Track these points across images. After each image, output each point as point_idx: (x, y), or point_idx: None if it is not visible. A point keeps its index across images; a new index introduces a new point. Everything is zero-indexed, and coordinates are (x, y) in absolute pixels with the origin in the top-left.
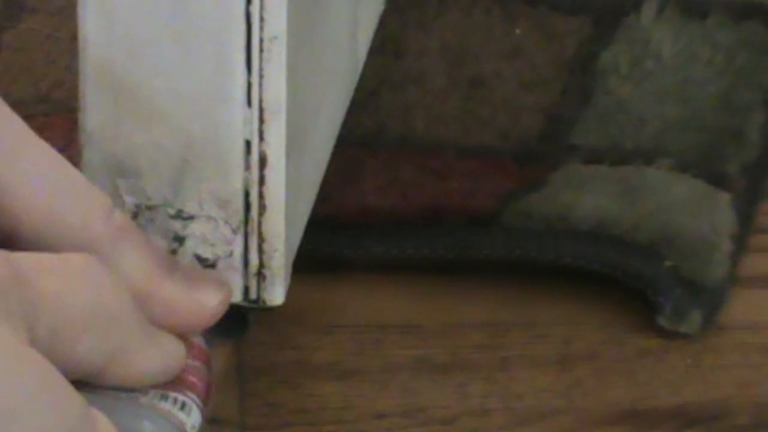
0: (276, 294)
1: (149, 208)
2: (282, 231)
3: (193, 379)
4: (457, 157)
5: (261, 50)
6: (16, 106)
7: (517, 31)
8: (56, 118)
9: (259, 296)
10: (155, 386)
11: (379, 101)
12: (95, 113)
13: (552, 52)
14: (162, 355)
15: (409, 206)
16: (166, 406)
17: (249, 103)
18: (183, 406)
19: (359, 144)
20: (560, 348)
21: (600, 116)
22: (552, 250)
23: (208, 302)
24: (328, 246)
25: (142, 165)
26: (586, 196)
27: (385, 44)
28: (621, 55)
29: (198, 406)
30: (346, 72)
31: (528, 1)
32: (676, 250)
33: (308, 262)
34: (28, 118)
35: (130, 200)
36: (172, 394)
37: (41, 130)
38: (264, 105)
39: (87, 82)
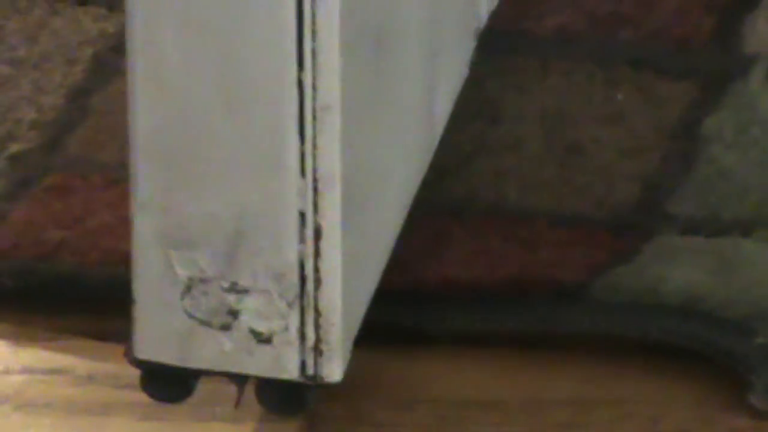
0: (334, 370)
1: (202, 280)
2: (339, 305)
3: None
4: (548, 227)
5: (314, 119)
6: (102, 171)
7: (619, 96)
8: None
9: (316, 372)
10: None
11: (472, 168)
12: (146, 182)
13: (654, 117)
14: None
15: (495, 278)
16: None
17: (303, 173)
18: None
19: (447, 213)
20: (648, 427)
21: (700, 185)
22: (640, 325)
23: None
24: (409, 318)
25: (195, 236)
26: (677, 269)
27: (483, 109)
28: (726, 121)
29: None
30: (419, 140)
31: (632, 65)
32: None
33: (387, 335)
34: (112, 183)
35: (182, 273)
36: None
37: (126, 197)
38: (318, 175)
39: (138, 150)
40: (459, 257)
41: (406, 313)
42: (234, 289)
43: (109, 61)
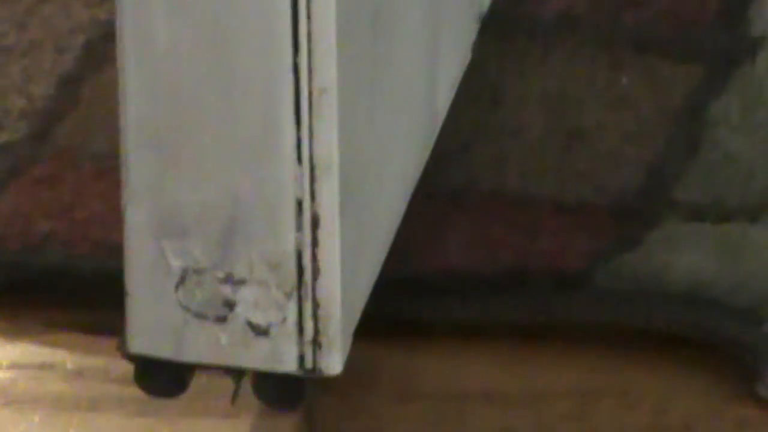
0: (333, 363)
1: (197, 271)
2: (338, 296)
3: None
4: (550, 214)
5: (310, 103)
6: (92, 160)
7: (624, 79)
8: None
9: (315, 365)
10: None
11: (473, 153)
12: (138, 169)
13: (659, 101)
14: None
15: (495, 266)
16: None
17: (299, 159)
18: None
19: (447, 199)
20: (653, 418)
21: (706, 170)
22: (644, 313)
23: None
24: (408, 309)
25: (188, 225)
26: (683, 255)
27: (483, 93)
28: (732, 104)
29: None
30: (420, 126)
31: (637, 47)
32: None
33: (386, 326)
34: (102, 173)
35: (176, 263)
36: None
37: (117, 187)
38: (315, 162)
39: (129, 137)
40: (459, 245)
41: (405, 304)
42: (229, 279)
43: (101, 49)
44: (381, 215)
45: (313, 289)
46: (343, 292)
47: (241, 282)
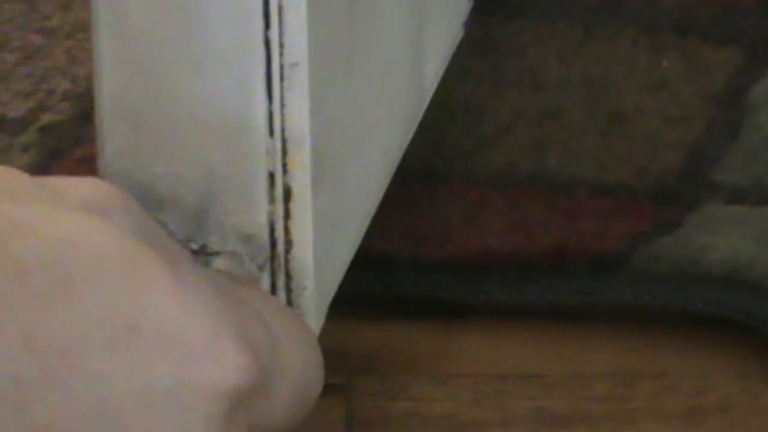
0: None
1: None
2: (310, 268)
3: None
4: (589, 197)
5: (281, 77)
6: None
7: (664, 62)
8: None
9: None
10: None
11: (512, 137)
12: (113, 142)
13: (699, 84)
14: None
15: (534, 248)
16: None
17: (271, 132)
18: None
19: (486, 182)
20: (691, 400)
21: (746, 153)
22: (682, 295)
23: None
24: (446, 290)
25: (163, 198)
26: (722, 238)
27: (523, 77)
28: None
29: None
30: (404, 100)
31: (678, 31)
32: None
33: (424, 307)
34: None
35: None
36: None
37: None
38: (287, 135)
39: (103, 109)
40: (498, 227)
41: (444, 285)
42: (204, 251)
43: None
44: (360, 189)
45: (286, 261)
46: (316, 264)
47: (215, 254)
